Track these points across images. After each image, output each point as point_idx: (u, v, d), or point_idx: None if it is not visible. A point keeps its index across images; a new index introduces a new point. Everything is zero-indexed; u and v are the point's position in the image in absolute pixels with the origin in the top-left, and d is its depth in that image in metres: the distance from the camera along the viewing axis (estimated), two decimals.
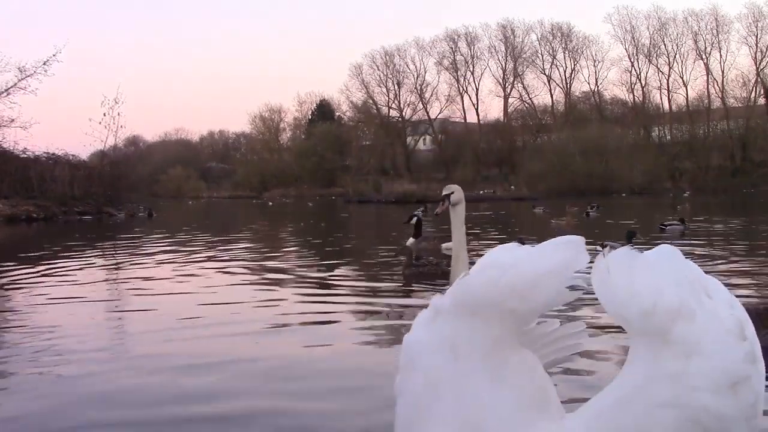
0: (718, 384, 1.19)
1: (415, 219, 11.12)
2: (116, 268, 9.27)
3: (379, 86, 75.88)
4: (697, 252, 9.20)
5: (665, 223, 13.40)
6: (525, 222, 19.94)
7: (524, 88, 73.81)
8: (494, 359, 1.34)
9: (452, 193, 5.35)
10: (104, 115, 32.09)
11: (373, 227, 20.35)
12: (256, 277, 7.80)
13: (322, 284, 7.18)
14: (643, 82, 69.85)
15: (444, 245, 10.49)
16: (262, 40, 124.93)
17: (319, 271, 8.41)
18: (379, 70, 75.70)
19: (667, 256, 1.36)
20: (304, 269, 8.55)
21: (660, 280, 1.27)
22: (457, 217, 5.34)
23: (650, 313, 1.23)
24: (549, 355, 1.60)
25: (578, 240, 1.38)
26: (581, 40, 72.07)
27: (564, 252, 1.36)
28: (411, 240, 10.70)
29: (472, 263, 5.37)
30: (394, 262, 8.97)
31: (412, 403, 1.39)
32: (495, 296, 1.34)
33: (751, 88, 65.07)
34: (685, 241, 10.87)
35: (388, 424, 1.51)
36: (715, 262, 8.15)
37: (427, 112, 75.48)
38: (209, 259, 9.84)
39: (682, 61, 68.16)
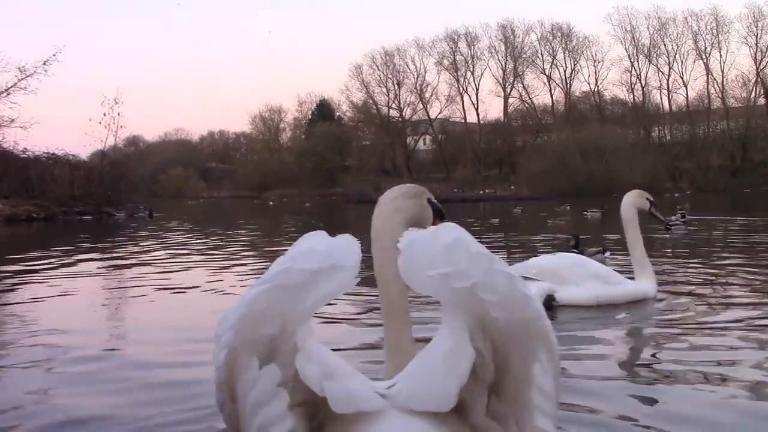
0: None
1: None
2: (115, 268, 9.30)
3: (379, 86, 76.09)
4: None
5: (671, 223, 13.49)
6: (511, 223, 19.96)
7: (524, 88, 73.97)
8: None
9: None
10: (104, 115, 32.24)
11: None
12: (250, 277, 7.83)
13: None
14: (643, 82, 69.99)
15: None
16: (262, 40, 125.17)
17: None
18: (379, 70, 75.91)
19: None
20: None
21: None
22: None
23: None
24: None
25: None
26: (581, 40, 72.25)
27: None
28: None
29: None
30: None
31: None
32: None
33: (751, 88, 65.22)
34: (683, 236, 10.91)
35: None
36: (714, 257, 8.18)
37: (427, 112, 75.60)
38: (208, 258, 9.87)
39: (682, 61, 68.33)
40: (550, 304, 5.06)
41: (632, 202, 5.58)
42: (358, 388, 1.40)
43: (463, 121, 74.88)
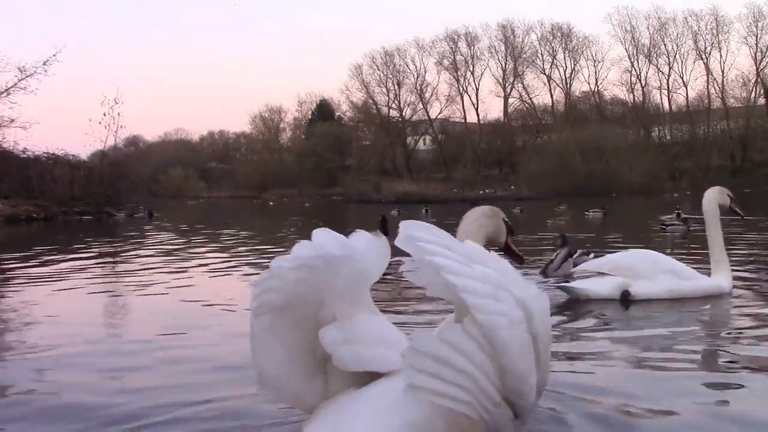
0: None
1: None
2: (112, 267, 9.31)
3: (379, 86, 76.08)
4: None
5: (666, 222, 13.43)
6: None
7: (524, 88, 73.97)
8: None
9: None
10: (104, 115, 32.19)
11: (373, 227, 20.34)
12: (248, 275, 7.83)
13: None
14: (643, 82, 70.01)
15: None
16: (262, 40, 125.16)
17: None
18: (379, 70, 75.89)
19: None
20: None
21: None
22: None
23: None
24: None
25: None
26: (581, 40, 72.27)
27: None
28: None
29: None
30: None
31: None
32: None
33: (751, 88, 65.26)
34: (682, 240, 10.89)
35: None
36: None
37: (427, 112, 75.60)
38: (208, 258, 9.87)
39: (682, 61, 68.34)
40: (626, 298, 5.18)
41: (714, 197, 5.73)
42: (375, 353, 1.76)
43: (463, 121, 74.89)
